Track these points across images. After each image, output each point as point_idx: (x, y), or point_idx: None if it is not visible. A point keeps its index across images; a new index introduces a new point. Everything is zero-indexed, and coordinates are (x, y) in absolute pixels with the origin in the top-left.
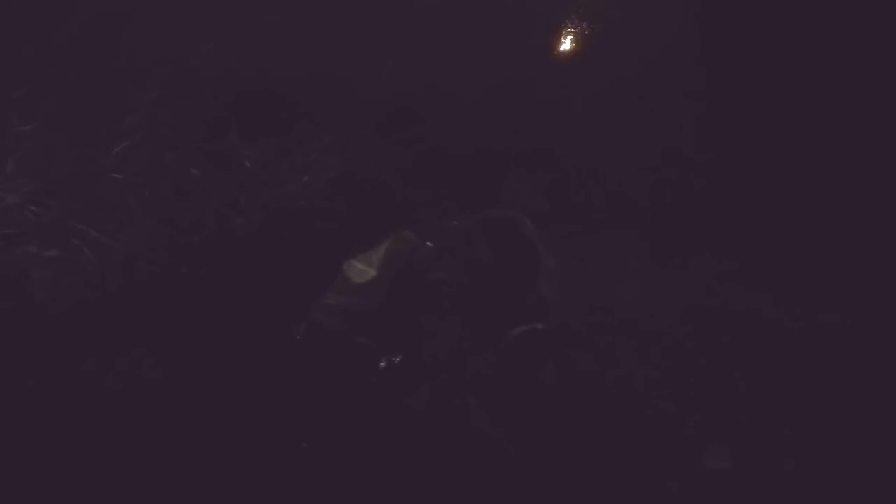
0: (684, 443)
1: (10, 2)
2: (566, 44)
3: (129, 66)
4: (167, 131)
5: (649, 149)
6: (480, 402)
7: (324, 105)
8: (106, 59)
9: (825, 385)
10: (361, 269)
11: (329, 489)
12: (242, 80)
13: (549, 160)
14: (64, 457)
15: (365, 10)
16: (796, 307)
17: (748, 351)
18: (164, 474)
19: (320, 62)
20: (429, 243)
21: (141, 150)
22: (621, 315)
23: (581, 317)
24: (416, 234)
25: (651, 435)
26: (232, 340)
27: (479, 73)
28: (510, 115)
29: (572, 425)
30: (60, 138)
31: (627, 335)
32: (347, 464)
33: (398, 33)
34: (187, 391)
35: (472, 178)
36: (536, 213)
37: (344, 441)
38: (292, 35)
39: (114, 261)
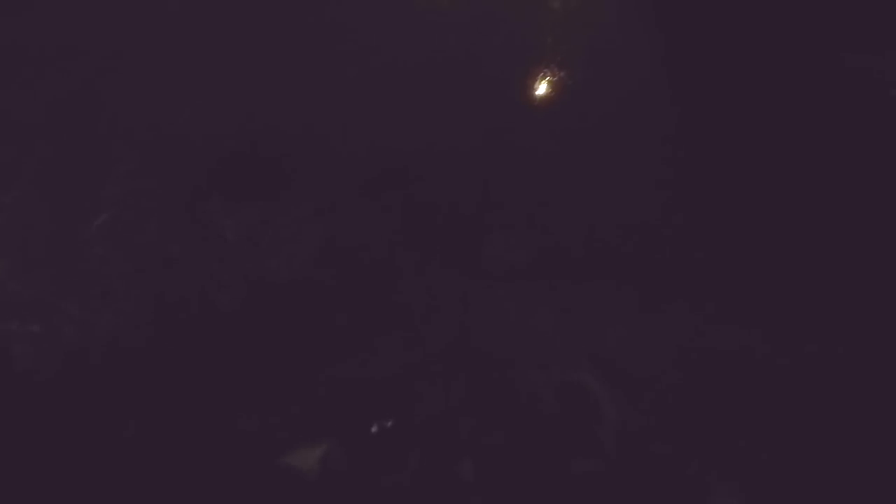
0: (687, 483)
1: None
2: (546, 93)
3: (109, 134)
4: (148, 202)
5: (629, 194)
6: (476, 461)
7: (305, 168)
8: (86, 128)
9: (824, 418)
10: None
11: None
12: (223, 145)
13: (533, 213)
14: None
15: (343, 72)
16: (787, 343)
17: (743, 388)
18: None
19: (300, 125)
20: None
21: (122, 222)
22: (612, 362)
23: (571, 366)
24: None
25: (653, 479)
26: (216, 419)
27: (460, 128)
28: (492, 169)
29: (570, 475)
30: (41, 210)
31: (620, 382)
32: None
33: (377, 93)
34: (169, 468)
35: (457, 236)
36: (520, 268)
37: None
38: (272, 99)
39: (96, 337)
